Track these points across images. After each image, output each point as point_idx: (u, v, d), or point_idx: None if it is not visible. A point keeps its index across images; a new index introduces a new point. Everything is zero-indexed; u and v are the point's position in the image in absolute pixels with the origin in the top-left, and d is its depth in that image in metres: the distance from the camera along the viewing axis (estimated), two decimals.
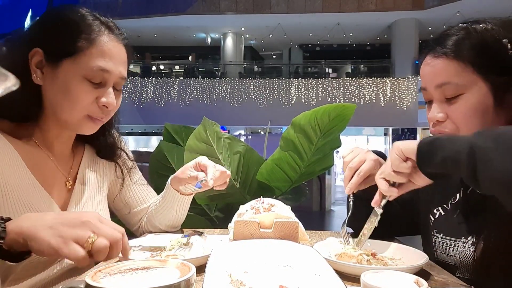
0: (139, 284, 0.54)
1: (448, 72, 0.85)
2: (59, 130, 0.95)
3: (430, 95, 0.90)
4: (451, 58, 0.85)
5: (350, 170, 0.92)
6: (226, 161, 1.67)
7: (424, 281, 0.59)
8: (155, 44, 20.67)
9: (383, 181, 0.82)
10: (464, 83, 0.84)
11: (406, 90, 15.25)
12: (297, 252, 0.73)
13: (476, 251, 0.85)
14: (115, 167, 1.11)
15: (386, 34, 17.86)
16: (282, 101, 15.78)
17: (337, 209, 9.76)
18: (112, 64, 0.90)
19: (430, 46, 0.90)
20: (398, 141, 0.80)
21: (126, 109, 15.71)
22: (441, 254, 0.94)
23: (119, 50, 0.93)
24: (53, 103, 0.90)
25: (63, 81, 0.87)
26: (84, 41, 0.87)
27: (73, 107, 0.88)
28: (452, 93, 0.85)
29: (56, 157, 0.97)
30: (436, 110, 0.88)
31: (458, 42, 0.85)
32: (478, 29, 0.85)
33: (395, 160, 0.78)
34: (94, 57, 0.87)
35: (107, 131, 1.07)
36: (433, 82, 0.88)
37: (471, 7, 13.70)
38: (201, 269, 0.71)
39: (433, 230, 0.97)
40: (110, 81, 0.91)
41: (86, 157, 1.06)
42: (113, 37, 0.92)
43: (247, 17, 16.74)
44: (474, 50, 0.83)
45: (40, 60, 0.87)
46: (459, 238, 0.90)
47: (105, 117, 0.94)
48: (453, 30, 0.88)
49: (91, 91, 0.88)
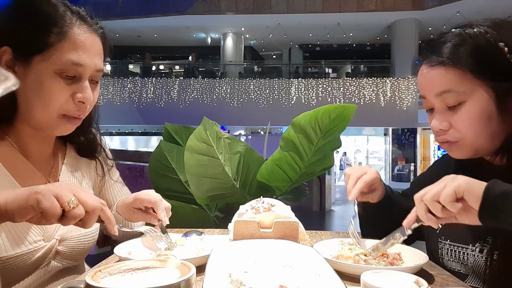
0: (139, 284, 0.54)
1: (447, 80, 0.84)
2: (33, 131, 0.89)
3: (430, 103, 0.89)
4: (448, 67, 0.84)
5: (353, 177, 0.94)
6: (226, 161, 1.67)
7: (424, 281, 0.59)
8: (155, 44, 20.66)
9: (423, 206, 0.74)
10: (464, 91, 0.82)
11: (406, 90, 15.24)
12: (297, 252, 0.73)
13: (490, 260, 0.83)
14: (96, 164, 1.07)
15: (386, 34, 17.85)
16: (282, 101, 15.77)
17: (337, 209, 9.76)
18: (86, 57, 0.84)
19: (424, 54, 0.89)
20: (462, 176, 0.70)
21: (126, 109, 15.73)
22: (449, 262, 0.93)
23: (93, 41, 0.87)
24: (26, 103, 0.84)
25: (35, 79, 0.81)
26: (55, 35, 0.81)
27: (47, 106, 0.83)
28: (454, 101, 0.84)
29: (34, 158, 0.92)
30: (439, 119, 0.87)
31: (454, 49, 0.84)
32: (472, 34, 0.83)
33: (447, 196, 0.69)
34: (66, 51, 0.82)
35: (86, 128, 1.02)
36: (432, 91, 0.87)
37: (471, 7, 13.69)
38: (201, 269, 0.71)
39: (440, 237, 0.96)
40: (85, 75, 0.86)
41: (69, 157, 1.02)
42: (85, 28, 0.86)
43: (247, 17, 16.73)
44: (471, 57, 0.82)
45: (10, 58, 0.82)
46: (467, 244, 0.89)
47: (82, 114, 0.89)
48: (446, 37, 0.87)
49: (65, 87, 0.83)
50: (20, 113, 0.87)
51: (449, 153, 0.91)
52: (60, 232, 0.91)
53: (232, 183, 1.69)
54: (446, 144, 0.89)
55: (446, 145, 0.89)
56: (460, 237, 0.91)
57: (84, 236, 0.97)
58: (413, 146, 16.33)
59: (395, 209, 0.96)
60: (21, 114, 0.87)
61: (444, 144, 0.90)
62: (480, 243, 0.87)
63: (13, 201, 0.65)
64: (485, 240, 0.86)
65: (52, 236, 0.89)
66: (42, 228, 0.88)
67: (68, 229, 0.93)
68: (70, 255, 0.93)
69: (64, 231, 0.92)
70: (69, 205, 0.65)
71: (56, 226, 0.90)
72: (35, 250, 0.85)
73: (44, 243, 0.87)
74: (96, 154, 1.07)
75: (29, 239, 0.84)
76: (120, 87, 16.19)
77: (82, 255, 0.99)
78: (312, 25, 17.17)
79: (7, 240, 0.80)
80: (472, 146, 0.85)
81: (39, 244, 0.86)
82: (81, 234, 0.96)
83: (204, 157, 1.64)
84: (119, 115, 15.11)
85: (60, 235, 0.91)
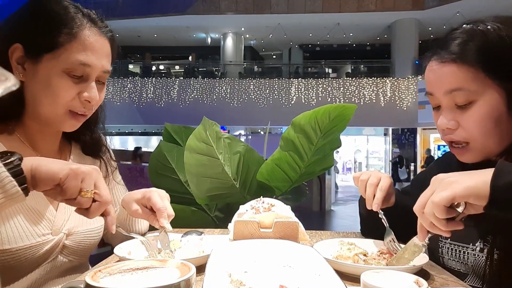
0: (139, 284, 0.54)
1: (458, 78, 0.81)
2: (41, 126, 0.92)
3: (438, 100, 0.86)
4: (460, 64, 0.80)
5: (371, 186, 0.92)
6: (226, 161, 1.67)
7: (424, 281, 0.59)
8: (155, 44, 20.68)
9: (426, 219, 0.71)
10: (475, 89, 0.79)
11: (406, 90, 15.25)
12: (297, 252, 0.73)
13: (490, 259, 0.83)
14: (100, 163, 1.09)
15: (386, 34, 17.86)
16: (282, 101, 15.78)
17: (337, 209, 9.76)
18: (94, 58, 0.87)
19: (434, 50, 0.86)
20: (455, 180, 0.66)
21: (126, 109, 15.75)
22: (449, 261, 0.92)
23: (102, 43, 0.90)
24: (34, 99, 0.87)
25: (43, 76, 0.85)
26: (65, 35, 0.84)
27: (54, 103, 0.86)
28: (464, 100, 0.81)
29: (42, 153, 0.94)
30: (447, 118, 0.84)
31: (466, 46, 0.81)
32: (484, 30, 0.80)
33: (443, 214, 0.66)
34: (75, 51, 0.85)
35: (92, 127, 1.05)
36: (442, 88, 0.83)
37: (471, 7, 13.71)
38: (201, 269, 0.71)
39: (441, 236, 0.94)
40: (92, 75, 0.88)
41: (74, 154, 1.04)
42: (95, 30, 0.89)
43: (247, 17, 16.75)
44: (484, 54, 0.79)
45: (20, 55, 0.85)
46: (467, 244, 0.88)
47: (88, 112, 0.92)
48: (457, 33, 0.84)
49: (72, 86, 0.86)
50: (28, 109, 0.89)
51: (459, 158, 0.88)
52: (68, 227, 0.93)
53: (232, 183, 1.69)
54: (457, 149, 0.86)
55: (457, 150, 0.86)
56: (461, 236, 0.89)
57: (90, 232, 0.99)
58: (413, 146, 16.33)
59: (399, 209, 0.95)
60: (29, 110, 0.89)
61: (455, 149, 0.87)
62: (481, 243, 0.86)
63: (45, 168, 0.69)
64: (485, 239, 0.85)
65: (60, 230, 0.91)
66: (51, 221, 0.90)
67: (76, 223, 0.95)
68: (76, 250, 0.95)
69: (71, 225, 0.94)
70: (86, 193, 0.71)
71: (64, 220, 0.93)
72: (43, 243, 0.87)
73: (52, 236, 0.89)
74: (101, 153, 1.09)
75: (38, 232, 0.86)
76: (120, 87, 16.21)
77: (88, 251, 1.01)
78: (312, 25, 17.19)
79: (17, 232, 0.83)
80: (482, 148, 0.83)
81: (47, 237, 0.88)
82: (87, 229, 0.98)
83: (204, 157, 1.64)
84: (119, 115, 15.11)
85: (67, 229, 0.93)
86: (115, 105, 15.50)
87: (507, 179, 0.63)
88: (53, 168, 0.69)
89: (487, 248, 0.84)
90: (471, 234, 0.88)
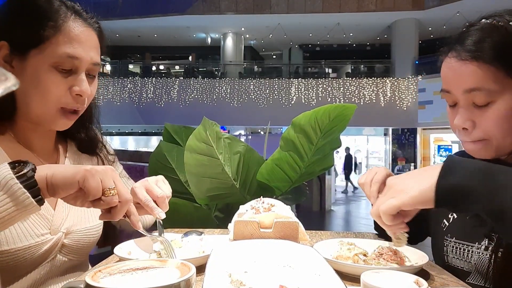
0: (139, 284, 0.54)
1: (478, 77, 0.78)
2: (33, 126, 0.91)
3: (454, 98, 0.84)
4: (481, 62, 0.77)
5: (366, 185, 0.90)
6: (226, 161, 1.67)
7: (424, 281, 0.59)
8: (155, 44, 20.67)
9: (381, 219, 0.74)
10: (496, 89, 0.77)
11: (406, 90, 15.24)
12: (297, 252, 0.73)
13: (494, 257, 0.82)
14: (97, 160, 1.09)
15: (386, 34, 17.85)
16: (282, 101, 15.78)
17: (337, 209, 9.77)
18: (81, 49, 0.85)
19: (451, 45, 0.83)
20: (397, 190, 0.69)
21: (126, 109, 15.75)
22: (452, 259, 0.92)
23: (88, 34, 0.88)
24: (25, 97, 0.85)
25: (32, 73, 0.83)
26: (50, 28, 0.83)
27: (44, 100, 0.85)
28: (483, 101, 0.78)
29: (37, 152, 0.93)
30: (463, 117, 0.82)
31: (485, 43, 0.78)
32: (505, 25, 0.77)
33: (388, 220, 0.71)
34: (61, 44, 0.83)
35: (86, 124, 1.04)
36: (460, 87, 0.81)
37: (471, 7, 13.67)
38: (201, 269, 0.71)
39: (446, 235, 0.94)
40: (81, 68, 0.87)
41: (70, 152, 1.03)
42: (80, 21, 0.87)
43: (247, 17, 16.74)
44: (504, 51, 0.76)
45: (7, 53, 0.83)
46: (472, 242, 0.87)
47: (81, 107, 0.90)
48: (476, 29, 0.81)
49: (61, 81, 0.85)
50: (20, 108, 0.88)
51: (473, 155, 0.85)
52: (66, 225, 0.93)
53: (232, 183, 1.70)
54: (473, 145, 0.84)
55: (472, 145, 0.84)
56: (466, 235, 0.89)
57: (89, 230, 0.98)
58: (413, 146, 16.32)
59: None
60: (21, 109, 0.88)
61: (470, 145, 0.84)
62: (486, 241, 0.85)
63: (60, 174, 0.68)
64: (490, 238, 0.85)
65: (59, 229, 0.91)
66: (49, 221, 0.89)
67: (74, 222, 0.95)
68: (75, 249, 0.95)
69: (70, 224, 0.93)
70: (110, 191, 0.70)
71: (62, 219, 0.92)
72: (42, 242, 0.87)
73: (50, 236, 0.89)
74: (97, 150, 1.09)
75: (36, 232, 0.86)
76: (120, 87, 16.20)
77: (87, 250, 1.01)
78: (312, 25, 17.18)
79: (15, 233, 0.82)
80: (497, 146, 0.81)
81: (46, 237, 0.88)
82: (86, 227, 0.97)
83: (204, 157, 1.64)
84: (119, 115, 15.12)
85: (66, 228, 0.92)
86: (115, 105, 15.50)
87: (451, 181, 0.65)
88: (68, 172, 0.68)
89: (492, 246, 0.84)
90: (477, 232, 0.87)
